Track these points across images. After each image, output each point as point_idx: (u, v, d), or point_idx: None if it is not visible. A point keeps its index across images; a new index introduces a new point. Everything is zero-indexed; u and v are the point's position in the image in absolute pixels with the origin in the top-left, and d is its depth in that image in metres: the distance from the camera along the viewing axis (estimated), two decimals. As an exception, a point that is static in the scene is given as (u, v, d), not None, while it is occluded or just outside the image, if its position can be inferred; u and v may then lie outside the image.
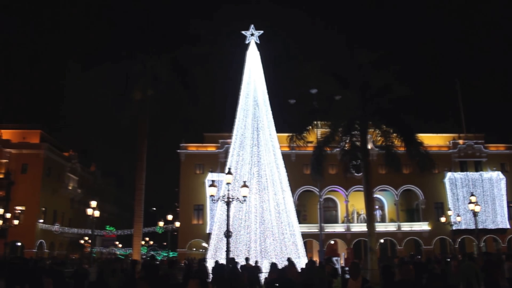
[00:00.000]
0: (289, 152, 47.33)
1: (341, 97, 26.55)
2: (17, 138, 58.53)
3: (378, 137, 26.61)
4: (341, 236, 51.23)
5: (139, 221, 24.47)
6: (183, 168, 53.45)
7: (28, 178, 54.58)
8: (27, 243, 52.68)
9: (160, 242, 68.75)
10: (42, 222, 54.94)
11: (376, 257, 25.51)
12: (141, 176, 24.73)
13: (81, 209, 63.66)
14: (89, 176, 72.99)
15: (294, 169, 44.10)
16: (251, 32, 30.26)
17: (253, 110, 28.70)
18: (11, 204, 52.28)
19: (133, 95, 25.05)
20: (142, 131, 25.05)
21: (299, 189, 48.95)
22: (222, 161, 48.89)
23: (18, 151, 55.47)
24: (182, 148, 53.75)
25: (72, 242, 63.58)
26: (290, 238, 26.50)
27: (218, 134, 53.41)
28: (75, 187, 65.75)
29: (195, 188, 51.89)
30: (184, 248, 51.34)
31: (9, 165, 54.82)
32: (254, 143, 27.75)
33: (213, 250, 26.69)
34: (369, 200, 26.14)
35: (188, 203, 52.52)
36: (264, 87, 29.79)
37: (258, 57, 30.31)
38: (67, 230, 58.86)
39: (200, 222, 51.79)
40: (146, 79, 24.78)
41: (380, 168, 44.70)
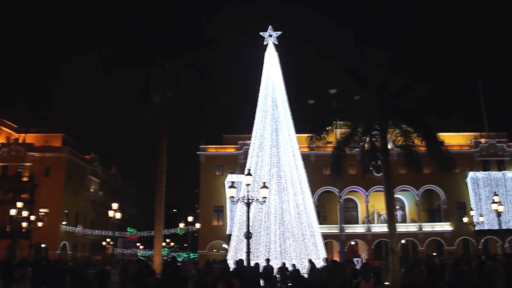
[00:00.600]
0: (309, 152, 47.18)
1: (360, 97, 26.43)
2: (40, 142, 59.53)
3: (398, 137, 26.39)
4: (362, 236, 50.85)
5: (159, 222, 24.66)
6: (202, 170, 53.66)
7: (51, 181, 55.41)
8: (51, 244, 53.51)
9: (181, 243, 69.21)
10: (65, 224, 55.72)
11: (397, 258, 25.28)
12: (161, 178, 24.92)
13: (102, 211, 64.40)
14: (110, 179, 73.74)
15: (314, 170, 43.91)
16: (269, 33, 30.31)
17: (272, 111, 28.71)
18: (35, 206, 53.13)
19: (152, 97, 25.30)
20: (162, 133, 25.26)
21: (318, 189, 48.74)
22: (241, 162, 48.95)
23: (41, 155, 56.37)
24: (201, 150, 53.97)
25: (94, 243, 64.30)
26: (310, 239, 26.44)
27: (237, 135, 53.46)
28: (97, 189, 66.49)
29: (215, 189, 52.03)
30: (204, 249, 51.52)
31: (33, 168, 55.78)
32: (273, 144, 27.75)
33: (233, 251, 26.77)
34: (390, 201, 25.94)
35: (208, 205, 52.69)
36: (282, 87, 29.78)
37: (276, 58, 30.33)
38: (89, 232, 59.57)
39: (220, 224, 51.90)
40: (165, 82, 24.98)
41: (401, 168, 44.21)
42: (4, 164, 55.94)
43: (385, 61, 25.98)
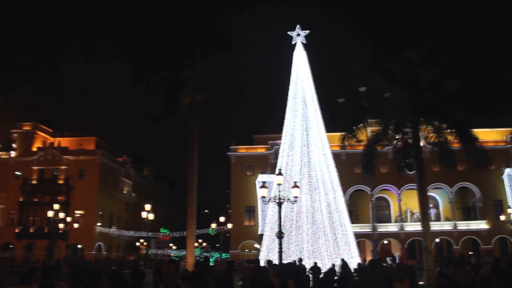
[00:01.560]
0: (339, 151, 46.90)
1: (391, 94, 26.10)
2: (74, 145, 60.96)
3: (431, 134, 25.96)
4: (395, 235, 50.19)
5: (192, 223, 24.90)
6: (233, 170, 53.94)
7: (86, 183, 56.64)
8: (87, 245, 54.70)
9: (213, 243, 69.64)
10: (99, 225, 56.86)
11: (432, 257, 24.86)
12: (193, 179, 25.18)
13: (136, 213, 65.37)
14: (142, 180, 74.80)
15: (345, 169, 43.61)
16: (297, 32, 30.26)
17: (302, 110, 28.65)
18: (71, 208, 54.41)
19: (182, 100, 25.62)
20: (192, 135, 25.51)
21: (350, 188, 48.38)
22: (272, 162, 49.00)
23: (76, 158, 57.68)
24: (232, 151, 54.26)
25: (128, 244, 65.32)
26: (342, 238, 26.27)
27: (267, 135, 53.55)
28: (130, 191, 67.55)
29: (246, 189, 52.20)
30: (236, 249, 51.76)
31: (68, 171, 57.13)
32: (303, 143, 27.69)
33: (265, 251, 26.82)
34: (423, 199, 25.55)
35: (239, 205, 52.93)
36: (312, 86, 29.69)
37: (305, 57, 30.26)
38: (123, 233, 60.58)
39: (251, 224, 52.06)
40: (195, 84, 25.26)
41: (434, 165, 43.43)
42: (41, 168, 57.53)
43: (416, 57, 25.59)
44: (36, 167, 57.60)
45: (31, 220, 55.80)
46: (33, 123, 60.72)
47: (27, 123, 60.43)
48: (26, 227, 55.27)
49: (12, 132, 59.29)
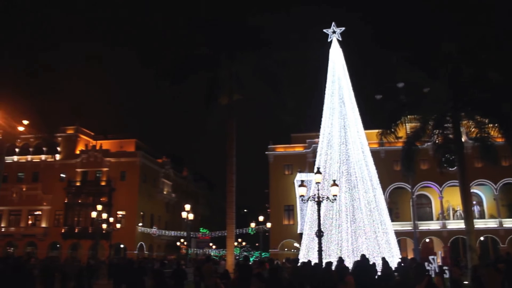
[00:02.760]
0: (378, 148, 46.30)
1: (430, 89, 25.56)
2: (115, 148, 62.53)
3: (472, 129, 25.28)
4: (437, 233, 49.11)
5: (231, 222, 25.09)
6: (272, 169, 54.03)
7: (127, 184, 57.96)
8: (129, 245, 55.94)
9: (252, 243, 69.97)
10: (141, 225, 58.02)
11: (477, 256, 24.21)
12: (231, 178, 25.36)
13: (176, 213, 66.46)
14: (182, 181, 75.83)
15: (384, 166, 42.96)
16: (333, 29, 30.02)
17: (339, 108, 28.42)
18: (113, 209, 55.81)
19: (219, 100, 25.85)
20: (230, 135, 25.70)
21: (390, 186, 47.68)
22: (310, 161, 48.80)
23: (117, 160, 59.08)
24: (270, 150, 54.36)
25: (169, 244, 66.40)
26: (383, 236, 25.91)
27: (305, 134, 53.39)
28: (170, 191, 68.61)
29: (284, 188, 52.21)
30: (276, 248, 51.82)
31: (110, 173, 58.62)
32: (342, 141, 27.46)
33: (305, 250, 26.74)
34: (466, 196, 24.91)
35: (278, 204, 52.98)
36: (349, 84, 29.41)
37: (341, 54, 29.99)
38: (164, 233, 61.62)
39: (291, 223, 52.03)
40: (232, 84, 25.44)
41: (476, 161, 42.17)
42: (84, 170, 59.25)
43: (455, 49, 24.95)
44: (79, 170, 59.38)
45: (76, 221, 57.60)
46: (76, 126, 62.60)
47: (70, 127, 62.35)
48: (71, 228, 57.11)
49: (57, 136, 61.23)
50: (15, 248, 58.80)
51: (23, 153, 62.27)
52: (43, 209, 59.64)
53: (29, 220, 60.14)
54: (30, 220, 60.13)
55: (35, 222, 59.86)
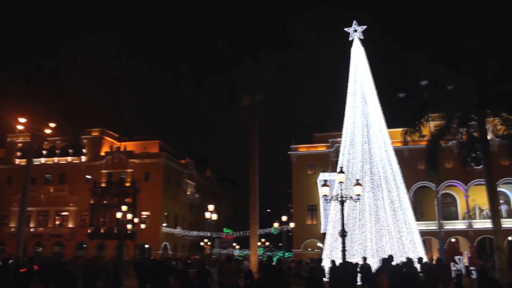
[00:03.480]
0: (402, 147, 45.80)
1: (454, 86, 25.26)
2: (139, 149, 63.31)
3: (498, 126, 24.88)
4: (463, 233, 48.33)
5: (254, 223, 25.21)
6: (294, 169, 53.99)
7: (151, 185, 58.60)
8: (153, 245, 56.56)
9: (276, 243, 69.96)
10: (165, 226, 58.58)
11: (504, 256, 23.83)
12: (254, 179, 25.48)
13: (199, 213, 66.89)
14: (205, 181, 76.27)
15: (408, 165, 42.52)
16: (354, 28, 29.87)
17: (362, 107, 28.27)
18: (138, 209, 56.50)
19: (241, 101, 25.99)
20: (253, 135, 25.82)
21: (414, 185, 47.12)
22: (333, 160, 48.64)
23: (141, 161, 59.79)
24: (292, 150, 54.33)
25: (193, 244, 66.86)
26: (407, 236, 25.70)
27: (327, 133, 53.21)
28: (193, 192, 69.07)
29: (307, 188, 52.10)
30: (299, 248, 51.75)
31: (134, 174, 59.35)
32: (364, 141, 27.33)
33: (328, 250, 26.69)
34: (492, 194, 24.55)
35: (301, 204, 52.90)
36: (371, 82, 29.23)
37: (363, 52, 29.83)
38: (188, 233, 62.10)
39: (314, 222, 51.90)
40: (254, 85, 25.54)
41: (503, 159, 41.43)
42: (109, 171, 60.13)
43: (480, 46, 24.58)
44: (104, 171, 60.29)
45: (102, 221, 58.50)
46: (100, 128, 63.58)
47: (95, 129, 63.34)
48: (97, 228, 58.03)
49: (82, 138, 62.30)
50: (44, 248, 60.10)
51: (50, 155, 63.59)
52: (69, 209, 60.78)
53: (56, 221, 61.35)
54: (57, 221, 61.33)
55: (62, 222, 61.03)
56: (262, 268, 16.49)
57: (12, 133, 63.97)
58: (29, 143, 34.10)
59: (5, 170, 64.80)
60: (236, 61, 26.41)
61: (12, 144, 66.19)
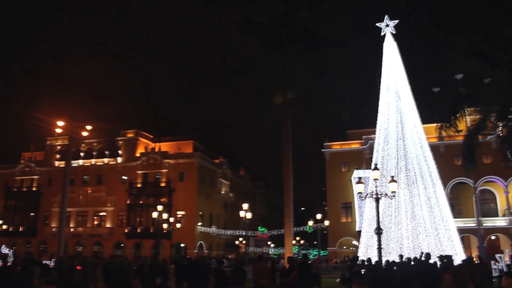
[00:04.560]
0: (437, 143, 44.97)
1: (491, 79, 24.59)
2: (173, 149, 64.12)
3: (540, 119, 24.08)
4: (503, 230, 47.03)
5: (289, 221, 25.20)
6: (328, 167, 53.72)
7: (185, 185, 59.27)
8: (189, 244, 57.22)
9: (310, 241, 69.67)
10: (200, 225, 59.15)
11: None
12: (288, 177, 25.47)
13: (234, 212, 67.25)
14: (239, 180, 76.59)
15: (444, 161, 41.69)
16: (386, 23, 29.51)
17: (395, 103, 27.93)
18: (173, 209, 57.21)
19: (273, 99, 26.01)
20: (285, 133, 25.80)
21: (451, 181, 46.15)
22: (367, 157, 48.21)
23: (175, 161, 60.54)
24: (326, 147, 54.08)
25: (228, 243, 67.28)
26: (444, 233, 25.25)
27: (361, 130, 52.74)
28: (227, 191, 69.49)
29: (341, 186, 51.78)
30: (334, 246, 51.47)
31: (169, 174, 60.16)
32: (399, 137, 26.99)
33: (364, 248, 26.49)
34: (534, 190, 23.82)
35: (336, 201, 52.61)
36: (404, 77, 28.82)
37: (395, 47, 29.44)
38: (223, 232, 62.51)
39: (349, 220, 51.54)
40: (286, 83, 25.53)
41: (545, 154, 40.17)
42: (145, 172, 61.14)
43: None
44: (140, 172, 61.32)
45: (138, 221, 59.57)
46: (135, 130, 64.70)
47: (130, 130, 64.50)
48: (134, 228, 59.13)
49: (117, 139, 63.55)
50: (83, 247, 61.64)
51: (88, 157, 65.13)
52: (107, 210, 62.14)
53: (94, 221, 62.84)
54: (95, 221, 62.81)
55: (100, 222, 62.47)
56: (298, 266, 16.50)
57: (51, 136, 65.85)
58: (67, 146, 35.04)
59: (45, 172, 66.86)
60: (267, 59, 26.46)
61: (51, 147, 68.16)
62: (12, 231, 65.91)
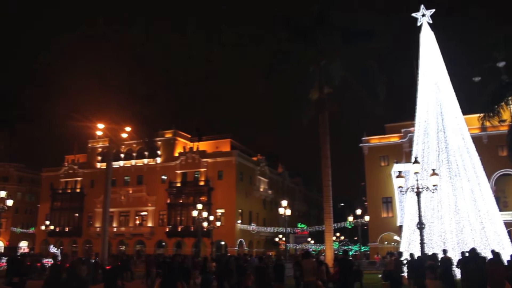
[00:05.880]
0: (480, 134, 43.68)
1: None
2: (211, 148, 64.71)
3: None
4: (554, 222, 45.32)
5: (329, 217, 24.97)
6: (367, 161, 53.08)
7: (224, 183, 59.70)
8: (229, 242, 57.64)
9: (351, 237, 69.07)
10: (240, 222, 59.46)
11: None
12: (327, 173, 25.23)
13: (273, 209, 67.34)
14: (277, 177, 76.58)
15: (487, 152, 40.52)
16: (422, 12, 28.78)
17: (434, 94, 27.24)
18: (213, 207, 57.76)
19: (310, 95, 25.82)
20: (323, 129, 25.56)
21: (495, 173, 44.79)
22: (406, 150, 47.37)
23: (214, 160, 61.06)
24: (364, 142, 53.43)
25: (267, 240, 67.41)
26: (490, 227, 24.45)
27: (399, 123, 51.86)
28: (266, 188, 69.58)
29: (381, 180, 51.07)
30: (375, 242, 50.82)
31: (207, 173, 60.72)
32: (439, 129, 26.32)
33: (406, 243, 25.96)
34: None
35: (375, 196, 51.92)
36: (443, 68, 28.07)
37: (433, 37, 28.70)
38: (262, 229, 62.65)
39: (389, 215, 50.77)
40: (322, 78, 25.30)
41: None
42: (184, 171, 61.94)
43: None
44: (179, 171, 62.17)
45: (179, 220, 60.40)
46: (173, 130, 65.60)
47: (168, 130, 65.41)
48: (174, 226, 60.02)
49: (156, 140, 64.54)
50: (126, 246, 63.06)
51: (128, 158, 66.50)
52: (148, 209, 63.30)
53: (136, 220, 64.13)
54: (137, 220, 64.11)
55: (142, 222, 63.70)
56: (338, 262, 16.35)
57: (92, 139, 67.51)
58: (107, 148, 35.77)
59: (88, 174, 68.72)
60: (302, 55, 26.30)
61: (93, 149, 69.96)
62: (59, 231, 68.23)
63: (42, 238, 70.21)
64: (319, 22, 25.24)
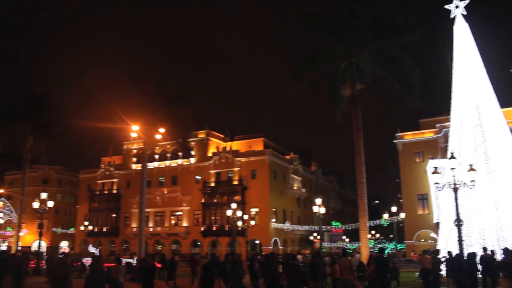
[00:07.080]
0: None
1: None
2: (244, 148, 64.98)
3: None
4: None
5: (363, 215, 24.72)
6: (401, 158, 52.32)
7: (258, 182, 59.83)
8: (264, 240, 57.74)
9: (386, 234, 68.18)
10: (274, 221, 59.50)
11: None
12: (361, 170, 24.99)
13: (307, 207, 67.13)
14: (311, 176, 76.28)
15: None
16: (456, 4, 28.13)
17: (470, 87, 26.60)
18: (247, 206, 58.00)
19: (342, 92, 25.65)
20: (356, 126, 25.33)
21: (536, 167, 43.38)
22: (442, 146, 46.44)
23: (247, 159, 61.28)
24: (398, 138, 52.67)
25: (302, 238, 67.26)
26: (531, 224, 23.71)
27: (434, 118, 50.92)
28: (299, 187, 69.38)
29: (416, 177, 50.24)
30: (411, 239, 50.02)
31: (241, 172, 61.00)
32: (476, 123, 25.69)
33: (443, 241, 25.47)
34: None
35: (411, 193, 51.11)
36: (479, 60, 27.37)
37: (467, 29, 28.03)
38: (297, 228, 62.53)
39: (426, 212, 49.88)
40: (354, 75, 25.09)
41: None
42: (217, 171, 62.40)
43: None
44: (212, 171, 62.66)
45: (213, 219, 60.90)
46: (206, 130, 66.18)
47: (201, 131, 66.02)
48: (209, 226, 60.53)
49: (190, 140, 65.21)
50: (162, 246, 64.02)
51: (162, 159, 67.47)
52: (183, 209, 64.07)
53: (172, 220, 65.00)
54: (173, 220, 64.96)
55: (177, 221, 64.52)
56: (374, 260, 16.19)
57: (127, 141, 68.78)
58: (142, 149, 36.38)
59: (124, 175, 70.08)
60: (333, 52, 26.14)
61: (128, 151, 71.31)
62: (97, 231, 69.86)
63: (81, 238, 72.11)
64: (348, 18, 25.02)
